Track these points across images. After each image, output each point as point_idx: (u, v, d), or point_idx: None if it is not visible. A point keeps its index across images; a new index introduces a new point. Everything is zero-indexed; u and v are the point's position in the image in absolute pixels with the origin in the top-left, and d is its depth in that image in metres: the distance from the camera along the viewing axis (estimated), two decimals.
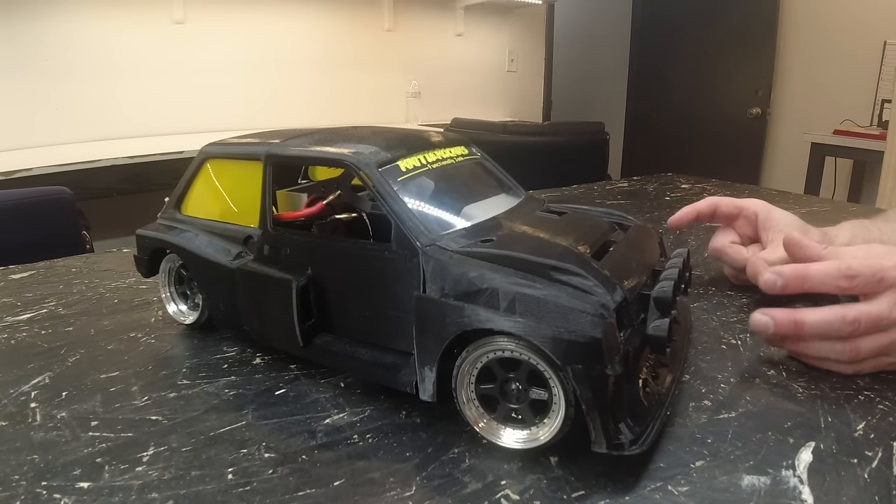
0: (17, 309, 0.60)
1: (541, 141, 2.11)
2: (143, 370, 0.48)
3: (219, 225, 0.50)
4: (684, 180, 1.28)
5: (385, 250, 0.40)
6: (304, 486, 0.34)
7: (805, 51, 3.26)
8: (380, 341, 0.42)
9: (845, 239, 0.61)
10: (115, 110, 2.22)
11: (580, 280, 0.35)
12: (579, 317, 0.33)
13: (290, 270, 0.44)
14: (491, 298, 0.35)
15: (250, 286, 0.46)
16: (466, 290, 0.36)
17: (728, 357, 0.49)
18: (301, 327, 0.43)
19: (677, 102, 3.83)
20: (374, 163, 0.42)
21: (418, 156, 0.45)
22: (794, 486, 0.33)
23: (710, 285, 0.65)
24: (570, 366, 0.33)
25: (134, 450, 0.37)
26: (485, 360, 0.36)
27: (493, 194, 0.48)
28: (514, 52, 3.57)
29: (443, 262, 0.37)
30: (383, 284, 0.40)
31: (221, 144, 0.52)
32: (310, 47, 2.74)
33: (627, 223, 0.47)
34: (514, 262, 0.36)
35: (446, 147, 0.48)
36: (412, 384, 0.39)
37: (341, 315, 0.44)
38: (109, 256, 0.78)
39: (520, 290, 0.34)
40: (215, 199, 0.51)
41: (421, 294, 0.38)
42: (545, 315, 0.34)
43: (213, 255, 0.49)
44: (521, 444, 0.36)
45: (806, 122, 3.14)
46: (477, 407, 0.37)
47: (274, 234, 0.46)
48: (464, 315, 0.35)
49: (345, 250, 0.43)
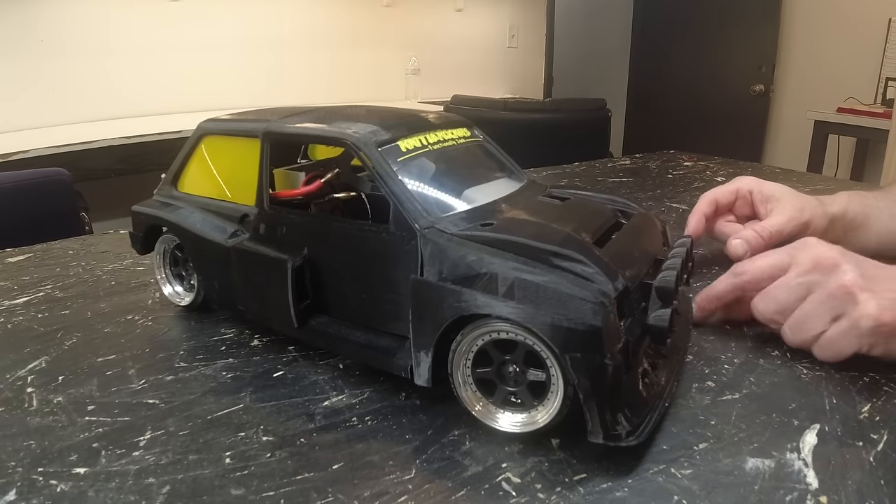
0: (14, 292, 0.59)
1: (542, 118, 2.09)
2: (140, 353, 0.47)
3: (215, 202, 0.49)
4: (687, 158, 1.27)
5: (383, 232, 0.39)
6: (303, 469, 0.34)
7: (809, 27, 3.22)
8: (376, 324, 0.42)
9: (839, 207, 0.61)
10: (111, 90, 2.20)
11: (581, 267, 0.34)
12: (579, 304, 0.32)
13: (286, 250, 0.43)
14: (489, 283, 0.34)
15: (245, 265, 0.46)
16: (465, 274, 0.35)
17: (731, 338, 0.48)
18: (296, 308, 0.43)
19: (680, 79, 3.79)
20: (374, 142, 0.41)
21: (419, 136, 0.44)
22: (798, 469, 0.33)
23: (713, 264, 0.64)
24: (569, 354, 0.32)
25: (131, 434, 0.37)
26: (480, 342, 0.35)
27: (494, 178, 0.47)
28: (515, 27, 3.52)
29: (441, 245, 0.37)
30: (380, 266, 0.40)
31: (219, 121, 0.51)
32: (307, 24, 2.70)
33: (631, 211, 0.46)
34: (513, 247, 0.35)
35: (448, 128, 0.47)
36: (407, 368, 0.38)
37: (337, 297, 0.43)
38: (106, 238, 0.77)
39: (519, 275, 0.34)
40: (212, 176, 0.51)
41: (418, 277, 0.37)
42: (544, 301, 0.33)
43: (209, 234, 0.48)
44: (518, 428, 0.36)
45: (809, 99, 3.11)
46: (474, 391, 0.37)
47: (270, 212, 0.45)
48: (461, 299, 0.35)
49: (342, 231, 0.42)
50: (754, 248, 0.57)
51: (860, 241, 0.62)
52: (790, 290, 0.44)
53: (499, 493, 0.32)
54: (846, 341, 0.42)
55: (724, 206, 0.65)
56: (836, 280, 0.42)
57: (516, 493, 0.32)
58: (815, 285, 0.43)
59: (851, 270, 0.42)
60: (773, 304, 0.45)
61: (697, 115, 3.71)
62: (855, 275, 0.42)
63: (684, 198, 0.92)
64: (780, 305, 0.45)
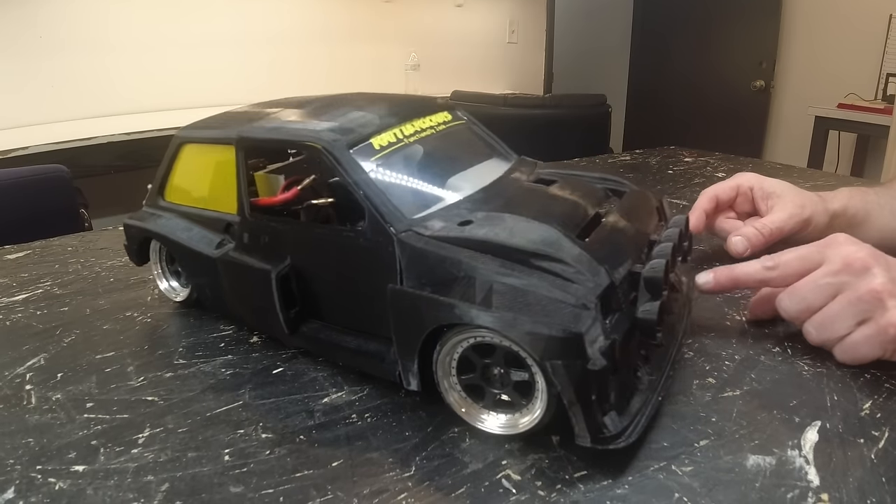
0: (13, 289, 0.59)
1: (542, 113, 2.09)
2: (139, 350, 0.47)
3: (200, 212, 0.49)
4: (687, 153, 1.26)
5: (360, 238, 0.38)
6: (302, 466, 0.34)
7: (810, 23, 3.20)
8: (366, 328, 0.41)
9: (840, 204, 0.61)
10: (110, 86, 2.19)
11: (561, 266, 0.33)
12: (559, 308, 0.31)
13: (270, 259, 0.42)
14: (467, 289, 0.33)
15: (233, 276, 0.45)
16: (442, 279, 0.34)
17: (732, 333, 0.48)
18: (285, 316, 0.42)
19: (680, 74, 3.78)
20: (345, 143, 0.39)
21: (394, 130, 0.42)
22: (799, 466, 0.33)
23: (713, 260, 0.64)
24: (549, 361, 0.31)
25: (129, 431, 0.37)
26: (460, 349, 0.35)
27: (480, 161, 0.45)
28: (515, 23, 3.51)
29: (418, 250, 0.36)
30: (361, 273, 0.39)
31: (194, 128, 0.50)
32: (307, 19, 2.69)
33: (623, 189, 0.45)
34: (491, 248, 0.34)
35: (426, 115, 0.45)
36: (396, 374, 0.38)
37: (326, 302, 0.43)
38: (105, 234, 0.77)
39: (496, 280, 0.33)
40: (194, 184, 0.50)
41: (395, 287, 0.36)
42: (523, 307, 0.32)
43: (197, 245, 0.47)
44: (502, 430, 0.35)
45: (810, 95, 3.10)
46: (459, 392, 0.36)
47: (252, 220, 0.44)
48: (439, 309, 0.34)
49: (321, 237, 0.41)
50: (754, 246, 0.57)
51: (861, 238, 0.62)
52: (818, 289, 0.43)
53: (499, 490, 0.32)
54: (870, 346, 0.41)
55: (725, 203, 0.64)
56: (865, 283, 0.41)
57: (516, 490, 0.32)
58: (844, 286, 0.42)
59: (882, 274, 0.41)
60: (800, 303, 0.44)
61: (698, 111, 3.70)
62: (885, 279, 0.40)
63: (684, 193, 0.91)
64: (807, 304, 0.44)
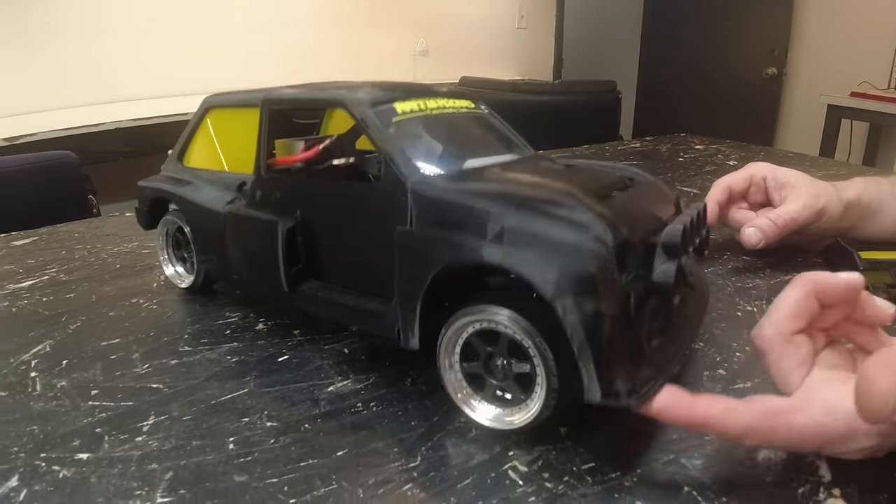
0: (19, 276, 0.59)
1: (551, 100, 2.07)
2: (145, 337, 0.47)
3: (217, 174, 0.50)
4: (698, 141, 1.25)
5: (374, 189, 0.39)
6: (307, 456, 0.33)
7: (823, 10, 3.16)
8: (367, 287, 0.41)
9: (854, 193, 0.60)
10: (119, 72, 2.18)
11: (578, 214, 0.32)
12: (573, 249, 0.30)
13: (280, 213, 0.43)
14: (478, 228, 0.33)
15: (240, 231, 0.46)
16: (454, 222, 0.34)
17: (744, 324, 0.47)
18: (287, 272, 0.42)
19: (691, 61, 3.74)
20: (368, 101, 0.40)
21: (418, 101, 0.42)
22: (811, 461, 0.32)
23: (725, 250, 0.63)
24: (560, 300, 0.30)
25: (134, 419, 0.37)
26: (465, 335, 0.34)
27: (496, 151, 0.45)
28: (524, 8, 3.47)
29: (431, 198, 0.35)
30: (371, 224, 0.39)
31: (224, 94, 0.52)
32: (315, 4, 2.68)
33: (640, 178, 0.44)
34: (507, 197, 0.33)
35: (452, 98, 0.46)
36: (395, 330, 0.37)
37: (329, 260, 0.43)
38: (112, 220, 0.77)
39: (510, 220, 0.32)
40: (216, 149, 0.51)
41: (404, 228, 0.36)
42: (536, 245, 0.31)
43: (208, 203, 0.48)
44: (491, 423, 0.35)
45: (823, 83, 3.05)
46: (457, 374, 0.36)
47: (266, 178, 0.45)
48: (448, 245, 0.33)
49: (334, 190, 0.42)
50: (768, 237, 0.56)
51: (875, 228, 0.61)
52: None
53: (505, 481, 0.32)
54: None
55: (738, 194, 0.63)
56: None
57: (523, 481, 0.31)
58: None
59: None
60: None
61: (709, 99, 3.66)
62: None
63: (695, 181, 0.90)
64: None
